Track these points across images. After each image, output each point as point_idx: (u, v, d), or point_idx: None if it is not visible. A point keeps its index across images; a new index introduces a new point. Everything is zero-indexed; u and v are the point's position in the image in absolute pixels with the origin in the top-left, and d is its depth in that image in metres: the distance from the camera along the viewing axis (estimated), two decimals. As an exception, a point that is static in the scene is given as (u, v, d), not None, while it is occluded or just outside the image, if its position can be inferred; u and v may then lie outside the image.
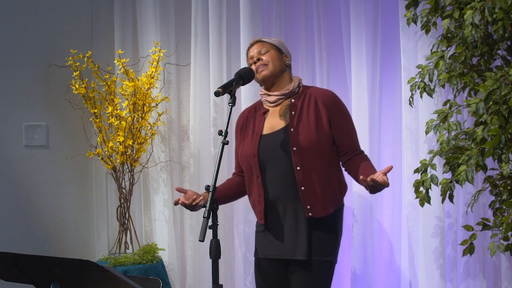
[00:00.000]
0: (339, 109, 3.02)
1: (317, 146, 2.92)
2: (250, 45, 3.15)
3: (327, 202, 2.92)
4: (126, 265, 3.85)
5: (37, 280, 2.37)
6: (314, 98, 3.01)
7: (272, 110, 3.08)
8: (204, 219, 2.52)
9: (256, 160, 2.98)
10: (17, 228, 4.21)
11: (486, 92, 2.55)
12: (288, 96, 3.05)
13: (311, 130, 2.93)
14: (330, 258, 2.94)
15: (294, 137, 2.93)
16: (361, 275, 3.63)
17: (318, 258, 2.90)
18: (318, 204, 2.90)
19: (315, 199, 2.91)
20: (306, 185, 2.90)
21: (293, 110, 3.00)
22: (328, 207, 2.93)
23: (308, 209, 2.90)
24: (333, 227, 2.96)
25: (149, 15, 4.22)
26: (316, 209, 2.90)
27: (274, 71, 3.03)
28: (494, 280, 3.32)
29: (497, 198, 2.85)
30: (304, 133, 2.93)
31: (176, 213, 4.19)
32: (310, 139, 2.92)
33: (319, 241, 2.92)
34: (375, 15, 3.67)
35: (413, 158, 3.46)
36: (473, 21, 2.62)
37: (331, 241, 2.95)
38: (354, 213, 3.65)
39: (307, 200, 2.90)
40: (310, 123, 2.95)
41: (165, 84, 4.20)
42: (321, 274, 2.93)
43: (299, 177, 2.91)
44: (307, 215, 2.90)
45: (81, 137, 4.29)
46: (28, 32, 4.27)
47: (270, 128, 3.03)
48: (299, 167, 2.91)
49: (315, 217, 2.90)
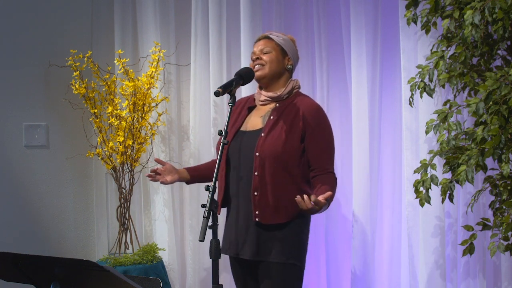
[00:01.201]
0: (317, 124, 2.97)
1: (279, 157, 2.90)
2: (258, 39, 3.14)
3: (279, 212, 2.90)
4: (126, 265, 3.85)
5: (37, 280, 2.37)
6: (297, 108, 2.99)
7: (258, 108, 3.09)
8: (204, 219, 2.52)
9: (225, 154, 3.01)
10: (17, 228, 4.21)
11: (486, 92, 2.55)
12: (275, 100, 3.05)
13: (279, 140, 2.92)
14: (291, 261, 2.92)
15: (261, 143, 2.94)
16: (361, 275, 3.63)
17: (276, 260, 2.90)
18: (267, 212, 2.90)
19: (265, 206, 2.90)
20: (260, 191, 2.91)
21: (273, 115, 3.00)
22: (278, 217, 2.90)
23: (256, 214, 2.91)
24: (290, 233, 2.93)
25: (149, 15, 4.22)
26: (265, 216, 2.91)
27: (268, 74, 3.03)
28: (494, 280, 3.32)
29: (497, 198, 2.85)
30: (272, 141, 2.92)
31: (176, 213, 4.18)
32: (274, 149, 2.91)
33: (272, 244, 2.91)
34: (375, 15, 3.67)
35: (413, 158, 3.46)
36: (473, 21, 2.62)
37: (290, 244, 2.93)
38: (354, 212, 3.65)
39: (257, 205, 2.91)
40: (281, 132, 2.93)
41: (165, 84, 4.19)
42: (285, 277, 2.92)
43: (255, 182, 2.91)
44: (254, 220, 2.92)
45: (81, 137, 4.29)
46: (28, 32, 4.27)
47: (249, 126, 3.04)
48: (257, 172, 2.91)
49: (263, 223, 2.91)
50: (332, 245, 3.84)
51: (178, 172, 3.15)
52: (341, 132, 3.80)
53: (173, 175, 3.12)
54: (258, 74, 3.03)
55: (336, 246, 3.84)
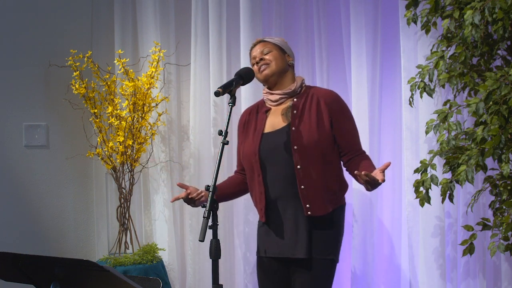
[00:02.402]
0: (341, 109, 3.03)
1: (317, 145, 2.93)
2: (253, 45, 3.15)
3: (326, 201, 2.93)
4: (126, 265, 3.85)
5: (37, 280, 2.37)
6: (316, 98, 3.01)
7: (274, 109, 3.08)
8: (204, 219, 2.52)
9: (257, 158, 2.99)
10: (17, 228, 4.21)
11: (486, 92, 2.55)
12: (291, 96, 3.06)
13: (312, 129, 2.94)
14: (331, 256, 2.94)
15: (295, 136, 2.94)
16: (361, 274, 3.63)
17: (319, 256, 2.91)
18: (317, 203, 2.91)
19: (314, 198, 2.91)
20: (306, 184, 2.91)
21: (295, 109, 3.00)
22: (327, 206, 2.93)
23: (307, 207, 2.91)
24: (334, 226, 2.97)
25: (149, 15, 4.22)
26: (315, 208, 2.91)
27: (276, 70, 3.04)
28: (494, 280, 3.32)
29: (497, 198, 2.85)
30: (305, 132, 2.94)
31: (176, 213, 4.19)
32: (311, 139, 2.93)
33: (319, 240, 2.92)
34: (375, 15, 3.67)
35: (413, 158, 3.46)
36: (473, 21, 2.62)
37: (332, 240, 2.96)
38: (354, 212, 3.65)
39: (306, 199, 2.91)
40: (311, 122, 2.95)
41: (165, 84, 4.20)
42: (322, 273, 2.93)
43: (299, 176, 2.91)
44: (306, 214, 2.91)
45: (81, 137, 4.29)
46: (28, 32, 4.27)
47: (271, 126, 3.04)
48: (299, 166, 2.92)
49: (314, 215, 2.91)
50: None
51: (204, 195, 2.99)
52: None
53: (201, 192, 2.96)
54: (266, 73, 3.03)
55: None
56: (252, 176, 3.03)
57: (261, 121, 3.07)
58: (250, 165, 3.03)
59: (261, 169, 2.99)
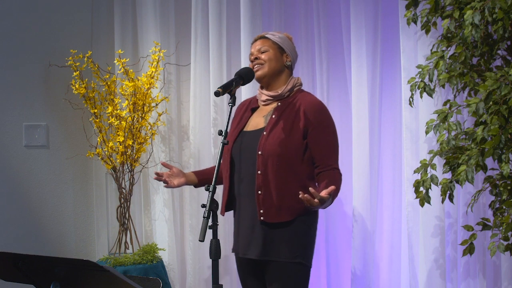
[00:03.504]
0: (320, 121, 2.97)
1: (282, 154, 2.90)
2: (254, 40, 3.14)
3: (283, 210, 2.90)
4: (126, 265, 3.85)
5: (37, 280, 2.37)
6: (299, 105, 2.98)
7: (261, 108, 3.09)
8: (204, 219, 2.52)
9: (229, 154, 3.01)
10: (17, 228, 4.21)
11: (486, 92, 2.55)
12: (277, 99, 3.05)
13: (281, 138, 2.92)
14: (298, 259, 2.91)
15: (263, 142, 2.94)
16: (361, 275, 3.63)
17: (284, 259, 2.90)
18: (271, 210, 2.90)
19: (269, 205, 2.90)
20: (263, 190, 2.91)
21: (275, 114, 3.00)
22: (283, 215, 2.90)
23: (261, 213, 2.91)
24: (297, 231, 2.93)
25: (149, 15, 4.22)
26: (269, 215, 2.90)
27: (268, 72, 3.03)
28: (494, 280, 3.32)
29: (497, 198, 2.85)
30: (274, 139, 2.92)
31: (176, 213, 4.18)
32: (276, 147, 2.91)
33: (279, 243, 2.91)
34: (375, 15, 3.67)
35: (413, 158, 3.46)
36: (473, 21, 2.62)
37: (296, 243, 2.92)
38: (354, 213, 3.65)
39: (261, 204, 2.91)
40: (284, 130, 2.93)
41: (165, 84, 4.19)
42: (292, 277, 2.91)
43: (258, 181, 2.91)
44: (259, 219, 2.92)
45: (81, 137, 4.29)
46: (28, 32, 4.27)
47: (252, 126, 3.05)
48: (260, 171, 2.91)
49: (268, 222, 2.91)
50: (332, 245, 3.84)
51: (186, 176, 3.14)
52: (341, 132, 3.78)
53: (180, 178, 3.12)
54: (258, 74, 3.03)
55: (336, 246, 3.84)
56: (223, 170, 3.05)
57: (246, 118, 3.09)
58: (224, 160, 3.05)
59: (230, 165, 3.00)
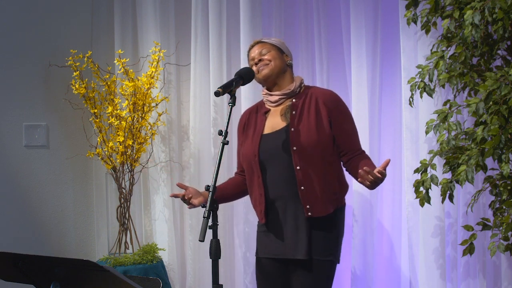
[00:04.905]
0: (340, 109, 3.03)
1: (317, 146, 2.92)
2: (251, 46, 3.15)
3: (326, 202, 2.92)
4: (126, 265, 3.85)
5: (37, 280, 2.37)
6: (315, 98, 3.01)
7: (273, 110, 3.08)
8: (204, 219, 2.52)
9: (257, 160, 2.99)
10: (17, 228, 4.21)
11: (486, 92, 2.55)
12: (290, 96, 3.06)
13: (311, 130, 2.94)
14: (331, 257, 2.94)
15: (294, 137, 2.94)
16: (361, 275, 3.63)
17: (318, 257, 2.91)
18: (317, 204, 2.91)
19: (314, 198, 2.91)
20: (306, 184, 2.91)
21: (294, 110, 3.00)
22: (328, 207, 2.93)
23: (308, 208, 2.91)
24: (334, 227, 2.97)
25: (149, 15, 4.22)
26: (315, 209, 2.91)
27: (275, 70, 3.04)
28: (494, 280, 3.32)
29: (497, 198, 2.85)
30: (304, 133, 2.94)
31: (176, 213, 4.19)
32: (310, 139, 2.92)
33: (319, 241, 2.92)
34: (375, 15, 3.67)
35: (413, 158, 3.46)
36: (473, 21, 2.63)
37: (332, 241, 2.95)
38: (354, 213, 3.65)
39: (306, 199, 2.91)
40: (310, 123, 2.95)
41: (165, 84, 4.20)
42: (322, 274, 2.93)
43: (299, 177, 2.91)
44: (306, 215, 2.91)
45: (81, 137, 4.30)
46: (28, 32, 4.27)
47: (271, 127, 3.04)
48: (299, 166, 2.91)
49: (315, 216, 2.90)
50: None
51: (203, 195, 3.01)
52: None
53: (199, 198, 2.99)
54: (265, 72, 3.03)
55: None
56: (252, 178, 3.03)
57: (261, 122, 3.07)
58: (249, 167, 3.03)
59: (260, 170, 2.98)
